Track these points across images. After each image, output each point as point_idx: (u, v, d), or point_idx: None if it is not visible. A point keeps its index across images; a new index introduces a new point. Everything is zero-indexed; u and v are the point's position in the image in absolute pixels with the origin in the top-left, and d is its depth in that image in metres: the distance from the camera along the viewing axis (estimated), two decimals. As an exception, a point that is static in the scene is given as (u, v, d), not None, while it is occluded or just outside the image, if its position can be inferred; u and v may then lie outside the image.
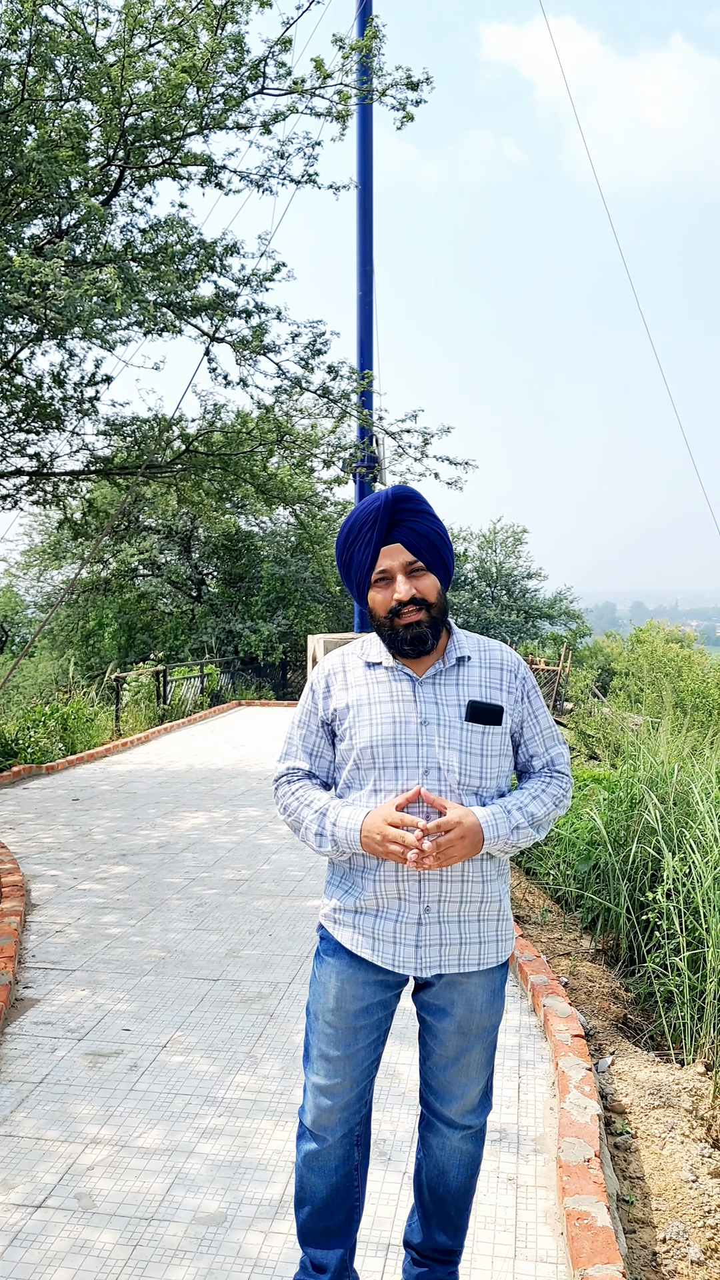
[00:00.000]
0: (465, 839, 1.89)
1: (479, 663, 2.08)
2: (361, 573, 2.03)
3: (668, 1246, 2.63)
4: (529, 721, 2.10)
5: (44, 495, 10.40)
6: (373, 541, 2.00)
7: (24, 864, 6.11)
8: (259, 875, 5.92)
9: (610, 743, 9.18)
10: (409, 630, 1.99)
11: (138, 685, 14.49)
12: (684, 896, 4.23)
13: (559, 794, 2.07)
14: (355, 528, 2.03)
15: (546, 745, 2.12)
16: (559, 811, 2.07)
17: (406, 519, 2.01)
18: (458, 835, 1.88)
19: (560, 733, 2.17)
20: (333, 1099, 2.09)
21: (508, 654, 2.12)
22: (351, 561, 2.05)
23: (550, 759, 2.11)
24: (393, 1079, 3.36)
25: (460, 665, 2.07)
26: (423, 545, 2.00)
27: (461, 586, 26.86)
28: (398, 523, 2.00)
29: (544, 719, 2.12)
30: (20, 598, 25.36)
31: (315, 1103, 2.11)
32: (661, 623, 26.33)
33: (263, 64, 7.70)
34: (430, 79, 8.11)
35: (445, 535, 2.06)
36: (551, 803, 2.05)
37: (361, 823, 1.95)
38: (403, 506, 2.01)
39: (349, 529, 2.05)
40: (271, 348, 8.86)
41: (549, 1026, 3.65)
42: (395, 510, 2.00)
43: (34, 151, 6.51)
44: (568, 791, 2.10)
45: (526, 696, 2.10)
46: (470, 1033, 2.07)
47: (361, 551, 2.02)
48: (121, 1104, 3.20)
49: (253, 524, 21.91)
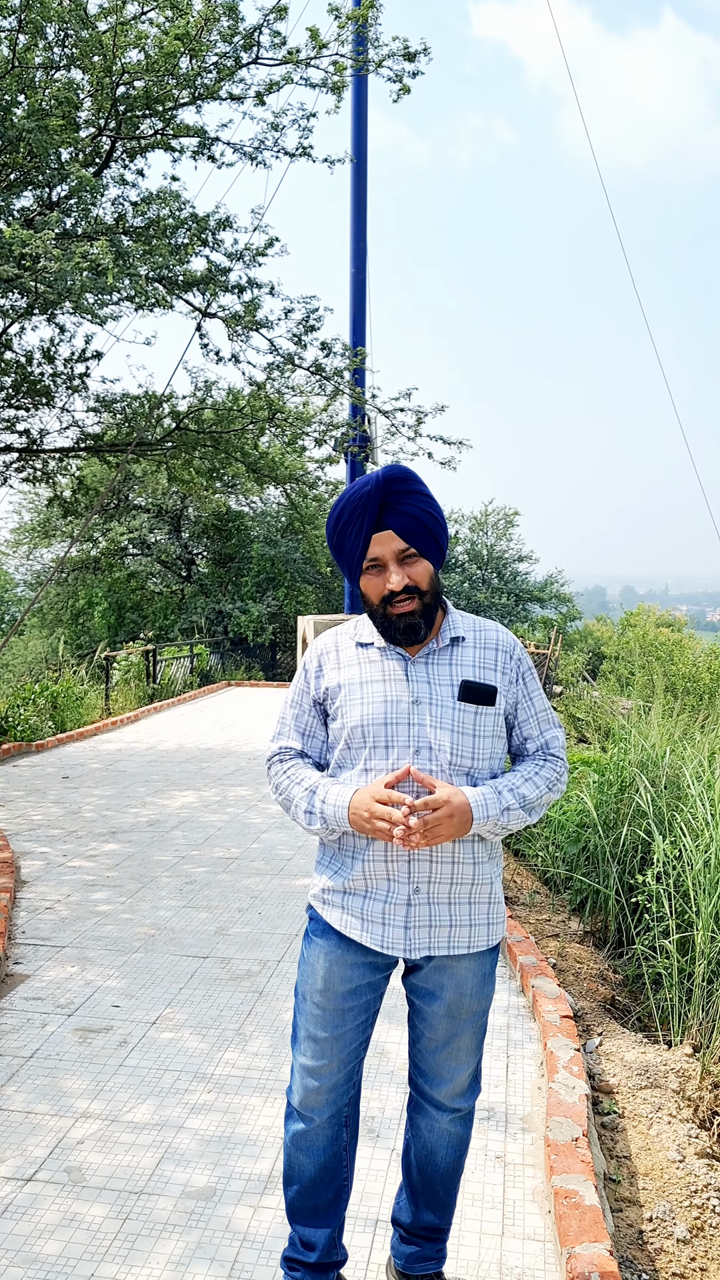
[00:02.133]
0: (454, 818, 1.88)
1: (473, 643, 2.05)
2: (353, 559, 2.00)
3: (654, 1225, 2.65)
4: (523, 703, 2.08)
5: (34, 472, 10.31)
6: (363, 530, 1.96)
7: (14, 841, 6.09)
8: (248, 853, 5.92)
9: (600, 726, 9.20)
10: (402, 620, 1.96)
11: (127, 664, 14.45)
12: (674, 879, 4.24)
13: (553, 777, 2.05)
14: (345, 511, 1.98)
15: (541, 728, 2.09)
16: (553, 795, 2.05)
17: (399, 501, 1.96)
18: (446, 814, 1.87)
19: (556, 716, 2.14)
20: (320, 1080, 2.08)
21: (503, 635, 2.10)
22: (343, 547, 2.01)
23: (545, 742, 2.09)
24: (382, 1057, 3.37)
25: (454, 645, 2.04)
26: (415, 529, 1.96)
27: (452, 569, 26.83)
28: (389, 506, 1.95)
29: (539, 701, 2.10)
30: (10, 576, 25.23)
31: (303, 1083, 2.10)
32: (652, 607, 26.37)
33: (257, 33, 7.57)
34: (428, 49, 8.00)
35: (439, 516, 2.01)
36: (545, 786, 2.02)
37: (350, 800, 1.93)
38: (395, 488, 1.96)
39: (339, 512, 2.00)
40: (264, 323, 8.78)
41: (537, 1007, 3.66)
42: (387, 493, 1.95)
43: (24, 121, 6.41)
44: (562, 775, 2.07)
45: (521, 678, 2.07)
46: (460, 1016, 2.07)
47: (353, 539, 1.98)
48: (111, 1079, 3.20)
49: (243, 504, 21.81)
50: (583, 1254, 2.28)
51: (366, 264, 12.80)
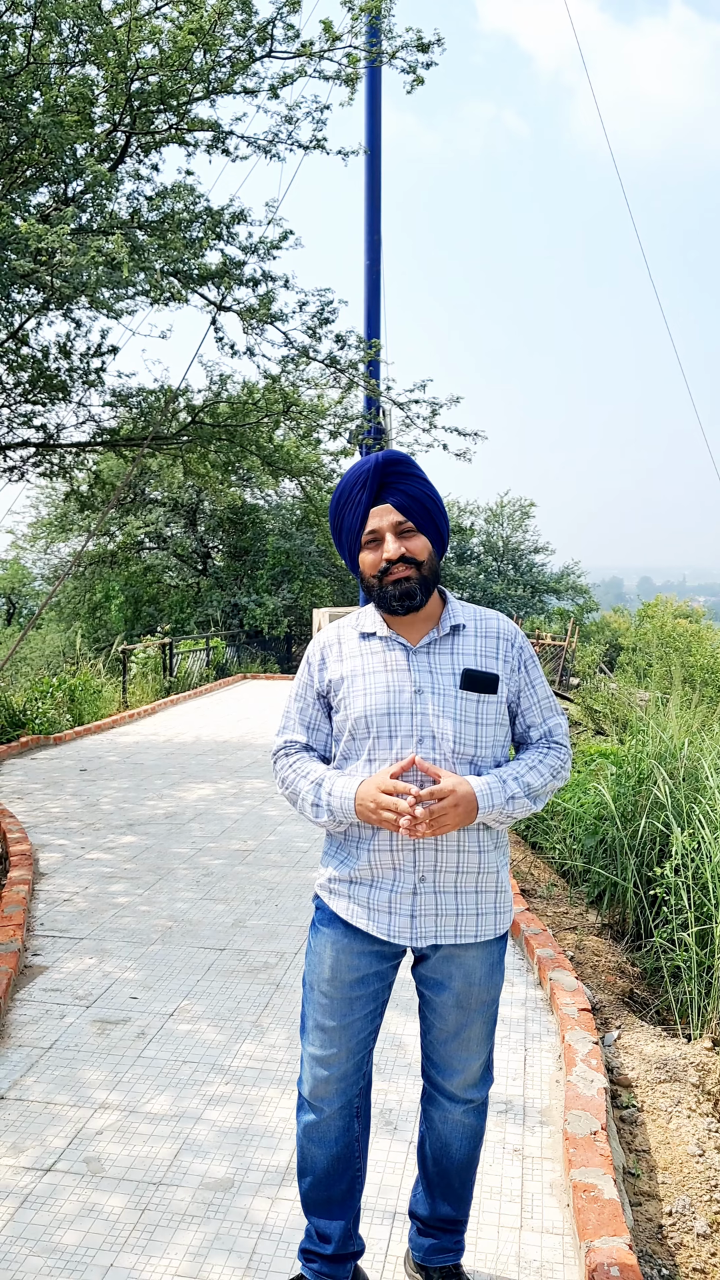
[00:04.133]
0: (459, 807, 1.88)
1: (474, 631, 2.06)
2: (352, 535, 2.02)
3: (674, 1220, 2.64)
4: (526, 691, 2.07)
5: (50, 467, 10.35)
6: (362, 503, 1.98)
7: (32, 833, 6.13)
8: (265, 846, 5.94)
9: (618, 718, 9.16)
10: (397, 586, 1.97)
11: (144, 658, 14.50)
12: (693, 872, 4.22)
13: (557, 765, 2.04)
14: (346, 490, 2.02)
15: (544, 716, 2.09)
16: (557, 783, 2.04)
17: (397, 481, 1.98)
18: (451, 804, 1.87)
19: (560, 704, 2.14)
20: (329, 1069, 2.08)
21: (504, 623, 2.10)
22: (343, 525, 2.04)
23: (548, 729, 2.09)
24: (398, 1050, 3.38)
25: (455, 634, 2.05)
26: (412, 506, 1.98)
27: (468, 561, 26.74)
28: (387, 484, 1.98)
29: (542, 689, 2.09)
30: (27, 570, 25.34)
31: (312, 1073, 2.11)
32: (669, 598, 26.21)
33: (270, 26, 7.54)
34: (441, 40, 7.95)
35: (437, 499, 2.03)
36: (549, 774, 2.02)
37: (355, 791, 1.94)
38: (393, 469, 1.99)
39: (340, 492, 2.03)
40: (279, 316, 8.76)
41: (555, 1000, 3.65)
42: (385, 473, 1.98)
43: (40, 117, 6.41)
44: (566, 763, 2.07)
45: (523, 666, 2.07)
46: (470, 1007, 2.07)
47: (351, 514, 2.00)
48: (129, 1070, 3.22)
49: (258, 497, 21.82)
50: (602, 1248, 2.28)
51: (381, 255, 12.76)
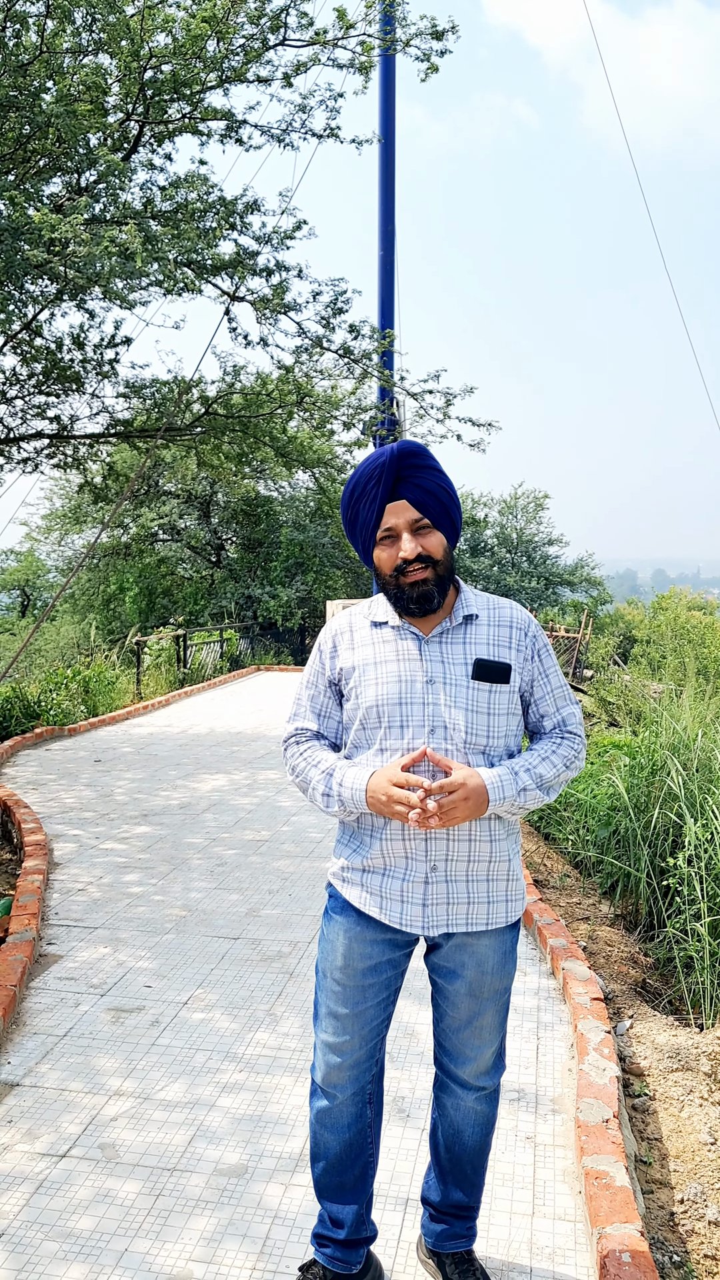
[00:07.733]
0: (469, 800, 1.87)
1: (487, 620, 2.04)
2: (367, 530, 2.00)
3: (685, 1207, 2.65)
4: (539, 680, 2.06)
5: (64, 459, 10.37)
6: (378, 498, 1.96)
7: (47, 824, 6.17)
8: (279, 836, 5.95)
9: (631, 710, 9.13)
10: (415, 589, 1.96)
11: (158, 649, 14.55)
12: (705, 862, 4.21)
13: (570, 755, 2.03)
14: (360, 484, 1.99)
15: (558, 705, 2.08)
16: (570, 773, 2.03)
17: (413, 475, 1.96)
18: (461, 796, 1.86)
19: (573, 693, 2.13)
20: (342, 1056, 2.09)
21: (518, 612, 2.08)
22: (357, 519, 2.01)
23: (561, 719, 2.08)
24: (411, 1038, 3.39)
25: (468, 623, 2.03)
26: (429, 502, 1.96)
27: (482, 553, 26.67)
28: (403, 479, 1.96)
29: (555, 678, 2.08)
30: (42, 562, 25.45)
31: (325, 1060, 2.12)
32: (683, 590, 26.07)
33: (284, 14, 7.51)
34: (455, 28, 7.89)
35: (453, 492, 2.01)
36: (562, 764, 2.01)
37: (367, 782, 1.93)
38: (409, 462, 1.96)
39: (354, 485, 2.00)
40: (292, 306, 8.74)
41: (568, 989, 3.65)
42: (401, 466, 1.96)
43: (53, 106, 6.41)
44: (580, 753, 2.06)
45: (537, 655, 2.06)
46: (482, 995, 2.07)
47: (366, 509, 1.98)
48: (144, 1058, 3.24)
49: (272, 489, 21.81)
50: (614, 1234, 2.28)
51: (395, 245, 12.71)
